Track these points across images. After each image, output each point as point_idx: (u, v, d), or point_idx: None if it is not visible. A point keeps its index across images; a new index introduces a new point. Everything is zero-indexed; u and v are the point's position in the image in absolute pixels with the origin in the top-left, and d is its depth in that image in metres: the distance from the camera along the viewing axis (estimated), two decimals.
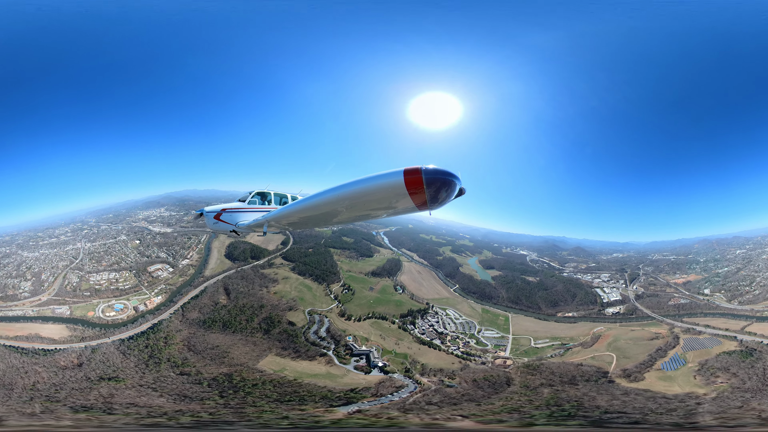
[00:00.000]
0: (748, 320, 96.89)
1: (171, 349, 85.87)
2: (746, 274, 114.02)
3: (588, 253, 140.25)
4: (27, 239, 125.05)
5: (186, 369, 79.57)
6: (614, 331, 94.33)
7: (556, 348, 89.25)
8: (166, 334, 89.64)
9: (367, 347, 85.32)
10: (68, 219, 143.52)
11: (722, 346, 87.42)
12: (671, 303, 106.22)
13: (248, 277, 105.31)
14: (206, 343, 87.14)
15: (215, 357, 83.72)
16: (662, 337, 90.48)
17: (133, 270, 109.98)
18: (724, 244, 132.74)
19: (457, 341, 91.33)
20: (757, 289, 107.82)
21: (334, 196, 15.40)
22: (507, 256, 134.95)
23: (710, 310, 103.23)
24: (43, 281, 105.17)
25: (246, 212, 25.20)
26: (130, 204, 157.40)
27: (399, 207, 14.87)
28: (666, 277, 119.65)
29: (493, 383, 76.14)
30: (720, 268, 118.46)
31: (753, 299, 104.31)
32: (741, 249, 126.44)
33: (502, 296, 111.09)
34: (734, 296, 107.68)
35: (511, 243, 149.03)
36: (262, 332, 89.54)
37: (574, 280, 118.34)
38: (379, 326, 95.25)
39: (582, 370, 78.51)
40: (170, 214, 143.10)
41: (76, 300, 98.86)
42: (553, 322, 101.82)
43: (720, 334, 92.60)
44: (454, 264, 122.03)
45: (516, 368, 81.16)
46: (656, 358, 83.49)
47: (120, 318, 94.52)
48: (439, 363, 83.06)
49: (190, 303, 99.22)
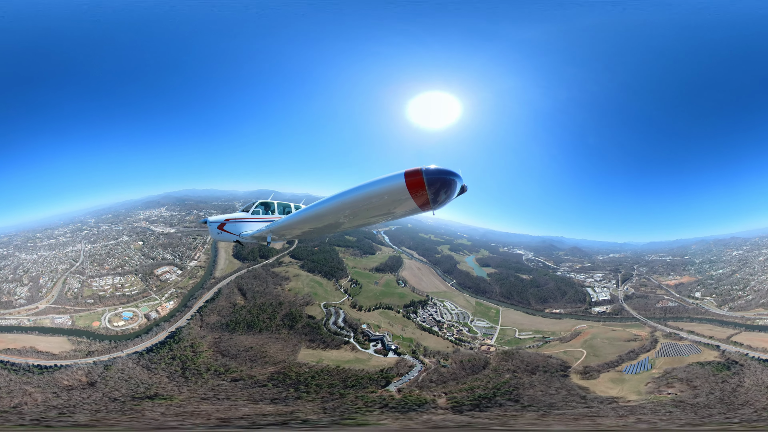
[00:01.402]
0: (737, 328, 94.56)
1: (203, 357, 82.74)
2: (741, 277, 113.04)
3: (584, 253, 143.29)
4: (25, 240, 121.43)
5: (235, 375, 77.89)
6: (595, 330, 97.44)
7: (537, 340, 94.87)
8: (190, 342, 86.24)
9: (380, 333, 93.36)
10: (67, 219, 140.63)
11: (700, 355, 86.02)
12: (659, 305, 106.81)
13: (260, 277, 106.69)
14: (237, 346, 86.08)
15: (254, 358, 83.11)
16: (640, 340, 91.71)
17: (139, 273, 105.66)
18: (722, 244, 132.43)
19: (452, 329, 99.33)
20: (750, 294, 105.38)
21: (335, 204, 15.62)
22: (503, 255, 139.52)
23: (698, 315, 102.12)
24: (40, 286, 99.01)
25: (250, 222, 25.65)
26: (129, 204, 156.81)
27: (402, 210, 15.02)
28: (659, 278, 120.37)
29: (473, 365, 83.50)
30: (715, 270, 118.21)
31: (745, 305, 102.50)
32: (738, 250, 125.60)
33: (495, 291, 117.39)
34: (725, 301, 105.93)
35: (508, 243, 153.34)
36: (287, 328, 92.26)
37: (566, 278, 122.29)
38: (386, 315, 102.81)
39: (548, 362, 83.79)
40: (171, 214, 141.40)
41: (78, 308, 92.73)
42: (540, 317, 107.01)
43: (702, 342, 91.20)
44: (452, 261, 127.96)
45: (495, 354, 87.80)
46: (624, 359, 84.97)
47: (131, 328, 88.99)
48: (437, 346, 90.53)
49: (207, 307, 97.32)
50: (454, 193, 13.60)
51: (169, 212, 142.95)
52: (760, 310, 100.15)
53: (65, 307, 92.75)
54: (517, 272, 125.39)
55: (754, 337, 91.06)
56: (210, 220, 26.11)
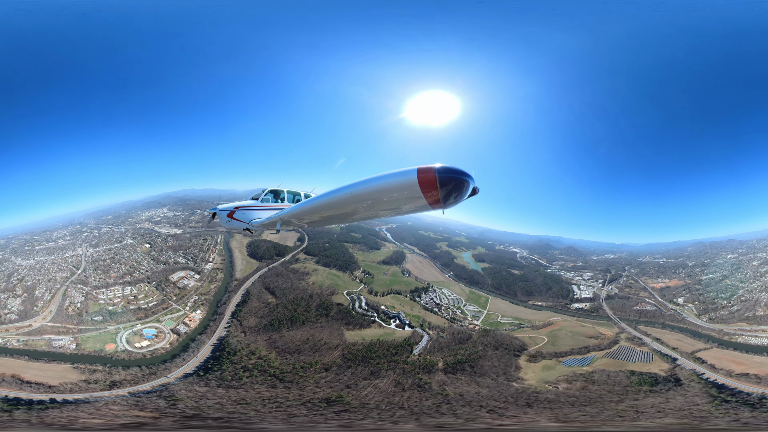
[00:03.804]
0: (709, 343, 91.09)
1: (273, 360, 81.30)
2: (730, 283, 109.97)
3: (579, 253, 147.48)
4: (22, 243, 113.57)
5: (318, 366, 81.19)
6: (566, 323, 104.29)
7: (513, 325, 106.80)
8: (246, 349, 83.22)
9: (395, 311, 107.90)
10: (66, 221, 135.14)
11: (647, 365, 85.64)
12: (636, 308, 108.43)
13: (282, 274, 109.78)
14: (293, 341, 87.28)
15: (316, 348, 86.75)
16: (602, 338, 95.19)
17: (153, 281, 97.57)
18: (718, 247, 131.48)
19: (448, 310, 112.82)
20: (736, 305, 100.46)
21: (346, 194, 15.70)
22: (499, 252, 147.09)
23: (673, 322, 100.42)
24: (36, 299, 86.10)
25: (259, 210, 25.63)
26: (129, 205, 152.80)
27: (412, 205, 15.06)
28: (647, 280, 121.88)
29: (461, 338, 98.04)
30: (705, 274, 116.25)
31: (727, 317, 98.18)
32: (733, 253, 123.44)
33: (487, 283, 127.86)
34: (707, 310, 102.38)
35: (505, 241, 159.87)
36: (323, 316, 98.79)
37: (555, 276, 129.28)
38: (397, 299, 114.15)
39: (511, 342, 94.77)
40: (174, 214, 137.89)
41: (84, 327, 79.80)
42: (523, 307, 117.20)
43: (663, 351, 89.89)
44: (450, 256, 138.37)
45: (478, 331, 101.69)
46: (574, 353, 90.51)
47: (160, 347, 78.17)
48: (437, 323, 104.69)
49: (241, 311, 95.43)
50: (465, 193, 13.62)
51: (172, 212, 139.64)
52: (743, 324, 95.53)
53: (66, 326, 79.18)
54: (510, 268, 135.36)
55: (725, 355, 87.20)
56: (220, 208, 26.19)
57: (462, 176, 12.87)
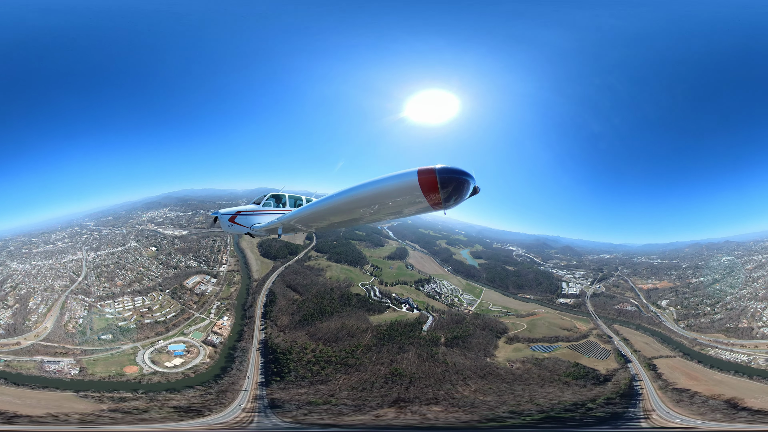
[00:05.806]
0: (675, 351, 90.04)
1: (324, 351, 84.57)
2: (719, 288, 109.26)
3: (575, 252, 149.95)
4: (19, 245, 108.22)
5: (362, 348, 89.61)
6: (547, 315, 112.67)
7: (501, 312, 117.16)
8: (296, 347, 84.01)
9: (405, 297, 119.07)
10: (64, 223, 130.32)
11: (597, 362, 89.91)
12: (616, 307, 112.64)
13: (299, 272, 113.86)
14: (330, 331, 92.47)
15: (351, 334, 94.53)
16: (574, 331, 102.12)
17: (167, 289, 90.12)
18: (714, 249, 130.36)
19: (447, 298, 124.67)
20: (720, 313, 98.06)
21: (346, 198, 15.58)
22: (496, 250, 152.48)
23: (649, 325, 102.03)
24: (29, 311, 75.53)
25: (261, 215, 25.67)
26: (129, 206, 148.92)
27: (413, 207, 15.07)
28: (636, 280, 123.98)
29: (457, 320, 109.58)
30: (696, 277, 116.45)
31: (707, 325, 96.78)
32: (728, 255, 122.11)
33: (482, 277, 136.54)
34: (687, 316, 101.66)
35: (502, 240, 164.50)
36: (347, 306, 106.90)
37: (547, 273, 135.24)
38: (404, 288, 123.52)
39: (496, 325, 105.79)
40: (177, 214, 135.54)
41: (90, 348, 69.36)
42: (512, 298, 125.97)
43: (622, 352, 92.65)
44: (449, 252, 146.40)
45: (471, 315, 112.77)
46: (544, 340, 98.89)
47: (202, 363, 70.82)
48: (439, 307, 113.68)
49: (271, 311, 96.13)
50: (466, 193, 13.65)
51: (174, 213, 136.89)
52: (720, 336, 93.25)
53: (65, 346, 68.06)
54: (505, 264, 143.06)
55: (683, 366, 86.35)
56: (221, 213, 25.97)
57: (463, 176, 13.02)
